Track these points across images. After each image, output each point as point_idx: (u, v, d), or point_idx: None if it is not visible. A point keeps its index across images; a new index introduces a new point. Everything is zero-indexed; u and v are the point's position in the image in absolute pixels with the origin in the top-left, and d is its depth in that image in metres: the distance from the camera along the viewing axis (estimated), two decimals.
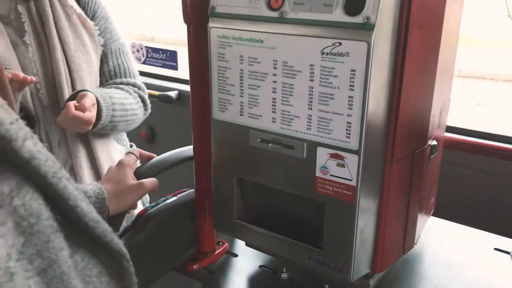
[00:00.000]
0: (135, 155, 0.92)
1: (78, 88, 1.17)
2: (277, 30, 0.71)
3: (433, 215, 1.08)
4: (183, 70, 2.25)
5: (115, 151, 1.30)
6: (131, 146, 1.46)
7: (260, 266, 0.96)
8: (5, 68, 0.97)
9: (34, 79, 1.05)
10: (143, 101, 1.33)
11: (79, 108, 1.08)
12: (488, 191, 1.49)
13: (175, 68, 2.22)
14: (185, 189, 1.02)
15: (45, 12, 1.15)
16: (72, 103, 1.07)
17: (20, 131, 0.37)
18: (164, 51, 2.24)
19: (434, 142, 0.88)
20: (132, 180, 0.86)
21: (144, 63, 2.36)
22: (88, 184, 0.79)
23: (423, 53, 0.75)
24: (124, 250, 0.49)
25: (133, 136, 2.36)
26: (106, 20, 1.28)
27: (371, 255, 0.80)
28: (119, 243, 0.49)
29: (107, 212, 0.77)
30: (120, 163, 0.88)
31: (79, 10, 1.22)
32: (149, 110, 1.38)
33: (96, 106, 1.13)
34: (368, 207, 0.75)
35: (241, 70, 0.76)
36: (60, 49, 1.16)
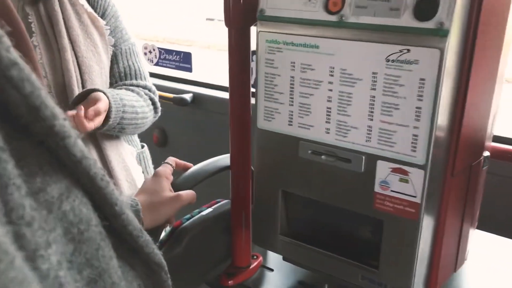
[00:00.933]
0: (171, 165, 0.87)
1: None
2: (335, 35, 0.66)
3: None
4: (196, 72, 2.21)
5: (126, 153, 1.25)
6: (142, 146, 1.42)
7: (299, 282, 0.91)
8: None
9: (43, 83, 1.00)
10: (153, 103, 1.28)
11: (95, 112, 1.03)
12: None
13: (189, 70, 2.17)
14: (219, 200, 0.97)
15: (54, 12, 1.10)
16: (82, 113, 1.01)
17: (72, 128, 0.33)
18: (178, 52, 2.19)
19: (487, 153, 0.84)
20: (169, 192, 0.82)
21: (156, 64, 2.31)
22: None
23: (486, 59, 0.71)
24: (163, 262, 0.46)
25: (144, 138, 2.32)
26: (116, 18, 1.23)
27: (425, 274, 0.75)
28: (159, 254, 0.45)
29: (141, 225, 0.72)
30: (156, 174, 0.84)
31: (89, 9, 1.17)
32: (159, 113, 1.33)
33: (106, 111, 1.08)
34: (428, 224, 0.71)
35: (292, 77, 0.71)
36: (70, 50, 1.11)
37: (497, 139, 1.49)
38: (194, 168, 0.89)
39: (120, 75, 1.24)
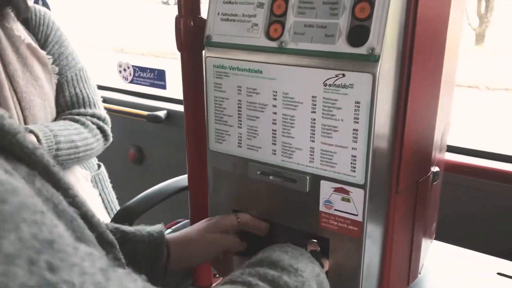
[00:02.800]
0: (238, 219, 0.77)
1: (31, 125, 1.07)
2: (277, 61, 0.68)
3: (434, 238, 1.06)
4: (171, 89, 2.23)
5: (77, 179, 1.19)
6: (99, 166, 1.35)
7: None
8: None
9: None
10: (102, 131, 1.21)
11: None
12: (489, 212, 1.47)
13: (163, 87, 2.19)
14: (179, 220, 0.98)
15: None
16: None
17: (19, 125, 0.37)
18: (152, 70, 2.20)
19: (437, 169, 0.86)
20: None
21: (131, 82, 2.32)
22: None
23: (426, 79, 0.74)
24: (115, 241, 0.50)
25: (121, 156, 2.32)
26: (60, 44, 1.17)
27: None
28: (110, 234, 0.50)
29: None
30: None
31: (28, 39, 1.10)
32: (111, 140, 1.25)
33: None
34: (374, 241, 0.72)
35: (239, 100, 0.74)
36: (8, 86, 1.05)
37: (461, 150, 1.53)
38: (151, 189, 0.90)
39: (67, 104, 1.18)
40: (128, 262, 0.52)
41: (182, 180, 0.93)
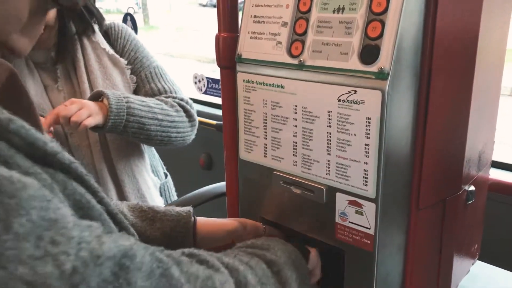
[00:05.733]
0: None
1: (105, 89, 1.17)
2: (297, 76, 0.72)
3: (480, 259, 1.01)
4: None
5: (147, 188, 1.27)
6: (166, 176, 1.41)
7: None
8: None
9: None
10: (186, 111, 1.26)
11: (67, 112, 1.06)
12: None
13: None
14: None
15: (77, 58, 1.20)
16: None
17: (58, 146, 0.46)
18: None
19: (472, 188, 0.84)
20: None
21: (205, 93, 2.45)
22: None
23: (451, 95, 0.73)
24: (136, 235, 0.61)
25: (192, 163, 2.45)
26: (136, 51, 1.29)
27: None
28: (131, 229, 0.59)
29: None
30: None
31: (111, 51, 1.24)
32: (196, 120, 1.29)
33: (86, 108, 1.09)
34: (391, 255, 0.73)
35: (265, 113, 0.78)
36: (89, 93, 1.18)
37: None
38: (191, 193, 0.97)
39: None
40: (159, 238, 0.62)
41: (221, 186, 0.99)
